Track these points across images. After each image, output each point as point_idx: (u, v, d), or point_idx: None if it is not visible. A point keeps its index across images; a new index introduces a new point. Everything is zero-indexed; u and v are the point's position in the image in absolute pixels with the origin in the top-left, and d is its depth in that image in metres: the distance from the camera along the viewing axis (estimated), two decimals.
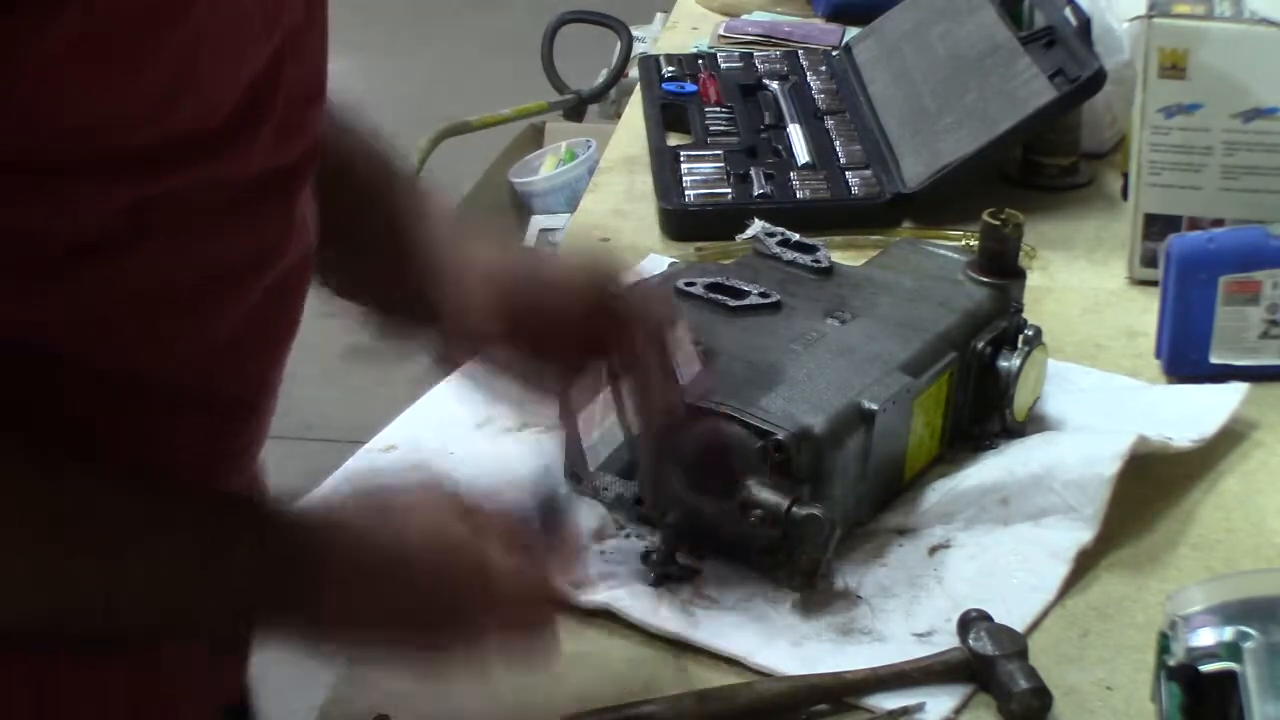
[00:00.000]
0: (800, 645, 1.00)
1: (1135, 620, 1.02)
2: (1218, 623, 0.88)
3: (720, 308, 1.15)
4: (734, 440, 1.03)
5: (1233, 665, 0.86)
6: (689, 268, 1.25)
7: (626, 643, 1.01)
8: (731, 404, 1.04)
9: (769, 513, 1.01)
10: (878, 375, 1.09)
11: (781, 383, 1.07)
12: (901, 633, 1.01)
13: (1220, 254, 1.27)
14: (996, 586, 1.05)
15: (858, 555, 1.07)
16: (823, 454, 1.04)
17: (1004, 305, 1.20)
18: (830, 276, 1.22)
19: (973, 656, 0.97)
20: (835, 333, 1.14)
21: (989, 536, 1.09)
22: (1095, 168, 1.65)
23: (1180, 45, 1.35)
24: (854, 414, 1.06)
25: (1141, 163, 1.40)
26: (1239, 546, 1.10)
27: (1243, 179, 1.37)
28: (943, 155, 1.56)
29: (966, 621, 0.99)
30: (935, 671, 0.97)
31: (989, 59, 1.63)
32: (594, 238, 1.53)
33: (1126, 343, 1.35)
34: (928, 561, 1.07)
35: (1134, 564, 1.08)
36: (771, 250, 1.24)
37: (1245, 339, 1.28)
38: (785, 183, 1.59)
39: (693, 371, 1.02)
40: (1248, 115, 1.36)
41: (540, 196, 3.32)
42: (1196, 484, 1.16)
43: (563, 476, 1.10)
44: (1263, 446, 1.21)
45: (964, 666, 0.97)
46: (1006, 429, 1.18)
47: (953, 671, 0.97)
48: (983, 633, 0.97)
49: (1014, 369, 1.17)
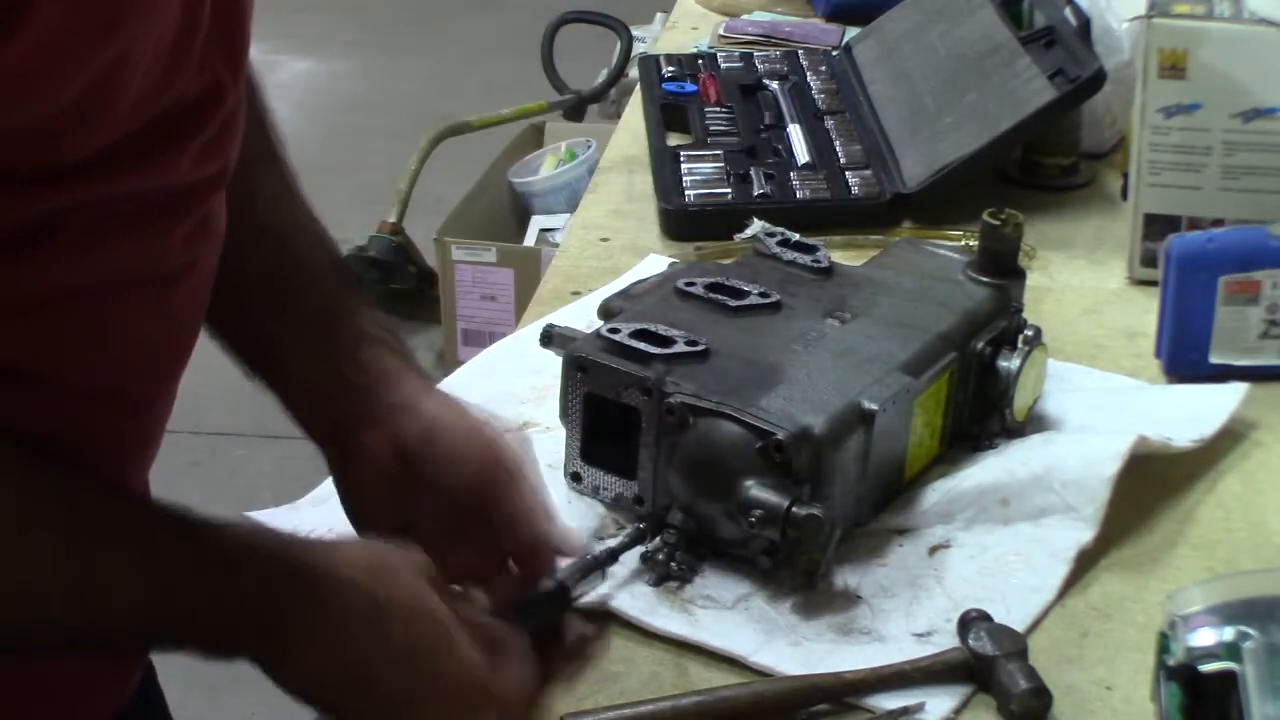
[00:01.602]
0: (800, 645, 1.00)
1: (1135, 620, 1.02)
2: (1218, 623, 0.88)
3: (720, 308, 1.15)
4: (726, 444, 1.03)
5: (1232, 665, 0.86)
6: (689, 268, 1.25)
7: (626, 643, 1.01)
8: (731, 404, 1.04)
9: (769, 513, 1.01)
10: (878, 375, 1.09)
11: (781, 383, 1.07)
12: (901, 633, 1.01)
13: (1220, 254, 1.27)
14: (996, 586, 1.05)
15: (858, 555, 1.07)
16: (823, 454, 1.03)
17: (1004, 305, 1.20)
18: (830, 276, 1.22)
19: (973, 657, 0.97)
20: (835, 333, 1.14)
21: (989, 536, 1.09)
22: (1095, 168, 1.65)
23: (1180, 45, 1.35)
24: (854, 414, 1.06)
25: (1141, 163, 1.40)
26: (1239, 546, 1.10)
27: (1243, 179, 1.37)
28: (943, 155, 1.56)
29: (967, 621, 0.99)
30: (936, 672, 0.97)
31: (989, 59, 1.63)
32: (596, 238, 1.53)
33: (1126, 343, 1.35)
34: (928, 561, 1.07)
35: (1134, 564, 1.08)
36: (771, 250, 1.24)
37: (1245, 339, 1.28)
38: (785, 183, 1.59)
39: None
40: (1247, 115, 1.36)
41: (540, 196, 3.32)
42: (1196, 484, 1.16)
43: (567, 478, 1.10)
44: (1263, 446, 1.21)
45: (964, 667, 0.97)
46: (1006, 429, 1.18)
47: (953, 672, 0.97)
48: (983, 633, 0.97)
49: (1014, 369, 1.17)
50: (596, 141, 3.26)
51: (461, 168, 3.39)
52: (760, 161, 1.63)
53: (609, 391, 1.08)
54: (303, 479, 1.16)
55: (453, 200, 3.25)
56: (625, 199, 1.62)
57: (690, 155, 1.64)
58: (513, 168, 3.37)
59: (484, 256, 3.06)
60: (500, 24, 5.16)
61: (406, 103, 4.54)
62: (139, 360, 0.86)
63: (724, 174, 1.60)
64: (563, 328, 1.15)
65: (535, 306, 1.41)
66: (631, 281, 1.26)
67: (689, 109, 1.75)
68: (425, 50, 5.14)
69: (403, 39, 5.24)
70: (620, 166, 1.69)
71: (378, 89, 4.68)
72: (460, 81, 4.79)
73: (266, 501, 1.16)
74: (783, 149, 1.66)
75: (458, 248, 3.07)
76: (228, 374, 1.03)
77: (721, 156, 1.64)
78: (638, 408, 1.06)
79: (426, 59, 5.07)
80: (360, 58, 5.04)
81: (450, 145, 3.30)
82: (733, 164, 1.62)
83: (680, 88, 1.81)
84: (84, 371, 0.82)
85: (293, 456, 3.16)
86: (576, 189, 2.95)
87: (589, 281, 1.43)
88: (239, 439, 3.17)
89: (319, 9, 5.39)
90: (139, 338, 0.85)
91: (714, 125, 1.71)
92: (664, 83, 1.82)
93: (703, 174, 1.60)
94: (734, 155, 1.64)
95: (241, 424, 3.18)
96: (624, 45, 3.52)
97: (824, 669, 0.97)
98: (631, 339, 1.09)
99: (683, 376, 1.06)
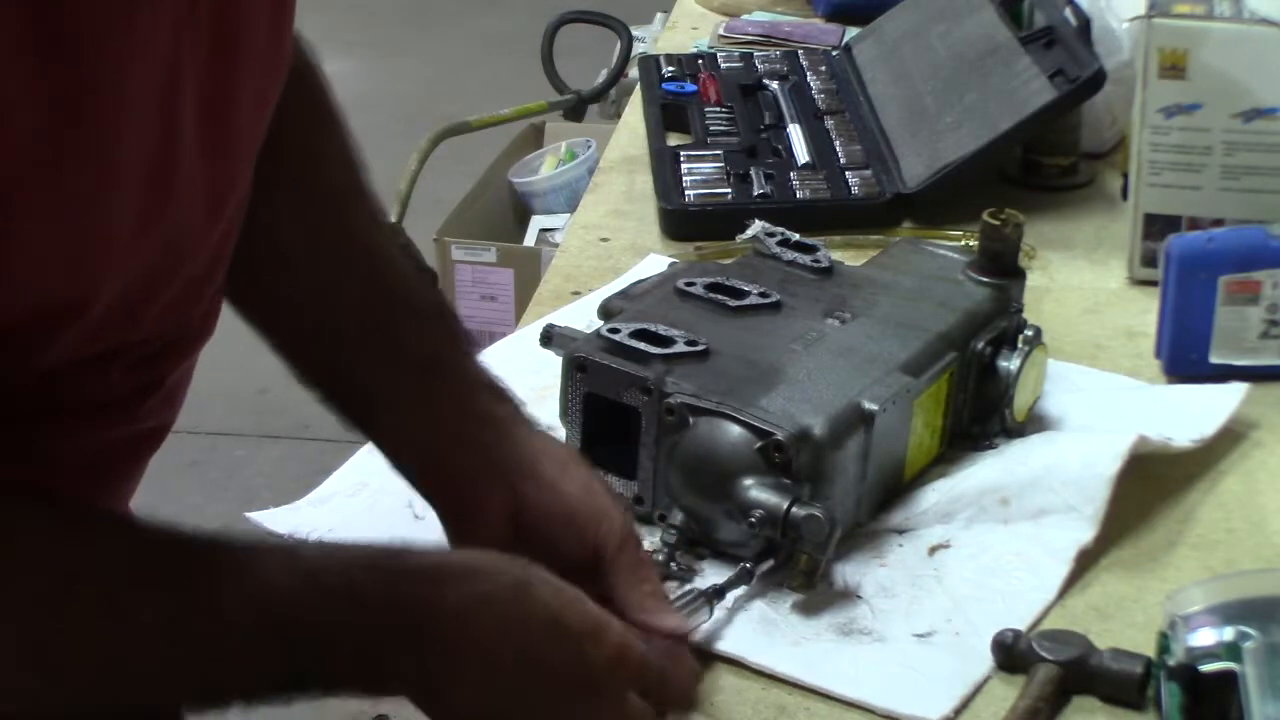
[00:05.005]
0: (800, 645, 1.00)
1: (1135, 620, 1.02)
2: (1218, 623, 0.88)
3: (720, 308, 1.15)
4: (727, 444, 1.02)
5: (1232, 665, 0.86)
6: (689, 268, 1.25)
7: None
8: (731, 404, 1.04)
9: (769, 513, 1.01)
10: (878, 375, 1.09)
11: (781, 383, 1.07)
12: (901, 633, 1.01)
13: (1220, 254, 1.27)
14: (996, 586, 1.05)
15: (858, 555, 1.07)
16: (823, 454, 1.03)
17: (1004, 305, 1.20)
18: (830, 276, 1.22)
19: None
20: (835, 333, 1.14)
21: (989, 536, 1.09)
22: (1095, 168, 1.65)
23: (1180, 45, 1.35)
24: (854, 414, 1.06)
25: (1141, 163, 1.40)
26: (1239, 546, 1.10)
27: (1243, 179, 1.37)
28: (943, 155, 1.56)
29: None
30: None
31: (989, 59, 1.63)
32: (596, 238, 1.53)
33: (1126, 343, 1.35)
34: (928, 561, 1.07)
35: (1134, 564, 1.08)
36: (771, 250, 1.24)
37: (1245, 339, 1.27)
38: (785, 183, 1.59)
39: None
40: (1248, 115, 1.36)
41: (540, 196, 3.32)
42: (1196, 484, 1.16)
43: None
44: (1263, 446, 1.21)
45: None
46: (1006, 429, 1.18)
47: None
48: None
49: (1014, 369, 1.17)
50: (596, 141, 3.25)
51: (461, 168, 3.39)
52: (760, 161, 1.63)
53: (609, 391, 1.08)
54: (303, 479, 1.16)
55: (453, 200, 3.25)
56: (625, 199, 1.62)
57: (690, 155, 1.64)
58: (513, 168, 3.37)
59: (484, 256, 3.06)
60: (500, 24, 5.15)
61: (406, 103, 4.53)
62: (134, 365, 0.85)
63: (724, 174, 1.60)
64: (563, 328, 1.15)
65: (535, 306, 1.41)
66: (631, 281, 1.26)
67: (689, 109, 1.75)
68: (425, 50, 5.14)
69: (403, 39, 5.23)
70: (620, 166, 1.69)
71: (378, 89, 4.68)
72: (460, 81, 4.78)
73: (266, 501, 1.16)
74: (783, 149, 1.66)
75: (457, 248, 3.06)
76: (228, 374, 1.03)
77: (721, 156, 1.63)
78: (637, 408, 1.06)
79: (426, 59, 5.07)
80: (360, 58, 5.04)
81: (450, 145, 3.29)
82: (733, 164, 1.62)
83: (680, 88, 1.81)
84: (73, 380, 0.81)
85: (293, 456, 3.18)
86: (576, 189, 2.94)
87: (589, 281, 1.43)
88: (239, 439, 3.17)
89: (318, 9, 5.37)
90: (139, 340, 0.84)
91: (714, 125, 1.71)
92: (664, 83, 1.82)
93: (703, 174, 1.60)
94: (734, 155, 1.64)
95: (241, 424, 3.18)
96: (624, 45, 3.52)
97: (824, 669, 0.97)
98: (631, 339, 1.09)
99: (683, 376, 1.06)
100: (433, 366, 0.96)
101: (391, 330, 0.96)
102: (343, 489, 1.16)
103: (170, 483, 0.86)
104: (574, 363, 1.09)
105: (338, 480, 1.17)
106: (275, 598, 0.77)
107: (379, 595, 0.79)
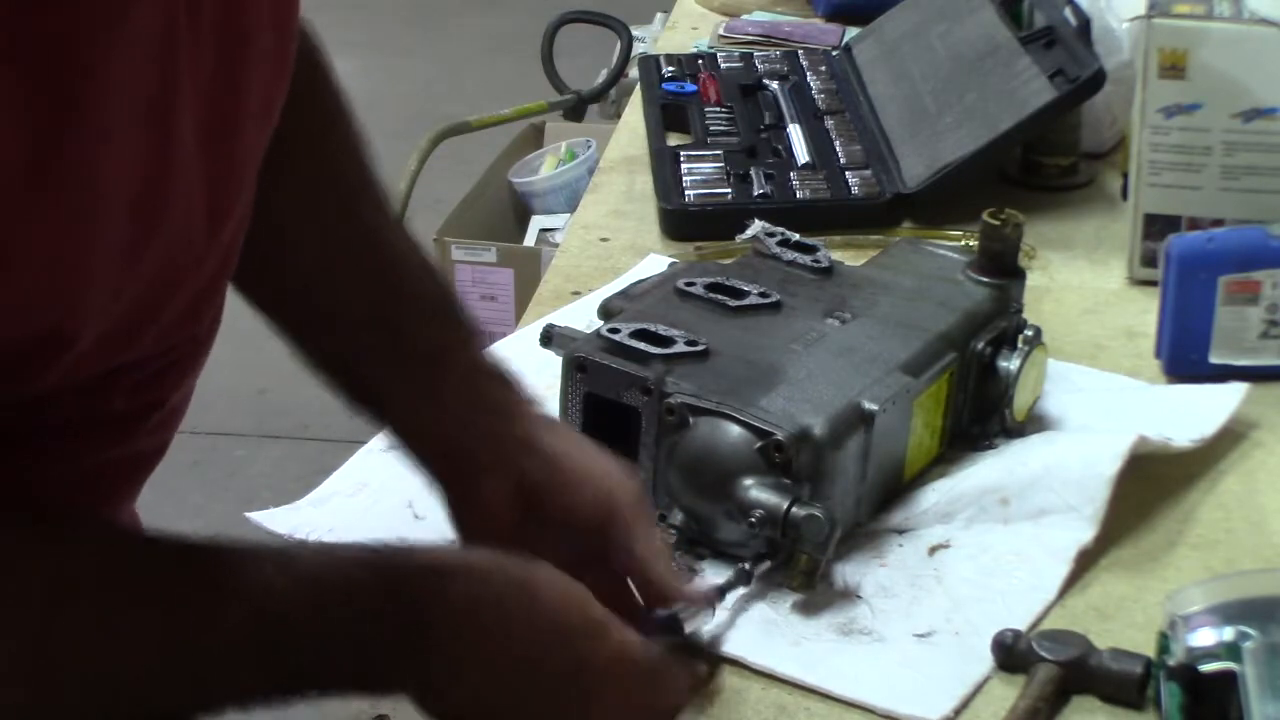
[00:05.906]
0: (800, 645, 1.00)
1: (1135, 620, 1.02)
2: (1218, 623, 0.88)
3: (720, 308, 1.15)
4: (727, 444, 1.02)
5: (1232, 665, 0.86)
6: (689, 268, 1.25)
7: None
8: (731, 404, 1.04)
9: (769, 513, 1.01)
10: (878, 375, 1.09)
11: (781, 383, 1.07)
12: (901, 633, 1.01)
13: (1220, 254, 1.27)
14: (996, 586, 1.05)
15: (858, 555, 1.07)
16: (823, 454, 1.03)
17: (1004, 305, 1.20)
18: (830, 276, 1.22)
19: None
20: (835, 333, 1.14)
21: (989, 536, 1.09)
22: (1095, 168, 1.65)
23: (1180, 45, 1.35)
24: (854, 414, 1.06)
25: (1141, 163, 1.40)
26: (1239, 546, 1.10)
27: (1243, 179, 1.37)
28: (943, 155, 1.56)
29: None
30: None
31: (989, 59, 1.63)
32: (596, 238, 1.53)
33: (1126, 343, 1.35)
34: (928, 561, 1.07)
35: (1134, 564, 1.08)
36: (771, 250, 1.24)
37: (1245, 339, 1.27)
38: (785, 183, 1.59)
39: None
40: (1248, 115, 1.36)
41: (540, 196, 3.32)
42: (1196, 484, 1.16)
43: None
44: (1263, 446, 1.21)
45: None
46: (1006, 429, 1.18)
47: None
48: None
49: (1014, 369, 1.17)
50: (596, 141, 3.25)
51: (461, 168, 3.39)
52: (760, 161, 1.63)
53: (609, 391, 1.08)
54: (303, 479, 1.16)
55: (453, 200, 3.25)
56: (625, 199, 1.62)
57: (690, 155, 1.64)
58: (513, 168, 3.37)
59: (484, 256, 3.06)
60: (500, 24, 5.15)
61: (406, 103, 4.53)
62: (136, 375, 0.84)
63: (724, 174, 1.60)
64: (563, 328, 1.15)
65: (535, 306, 1.41)
66: (631, 281, 1.26)
67: (689, 109, 1.75)
68: (425, 50, 5.14)
69: (403, 39, 5.23)
70: (620, 166, 1.69)
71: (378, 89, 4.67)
72: (460, 81, 4.79)
73: (266, 501, 1.16)
74: (783, 149, 1.66)
75: (457, 248, 3.06)
76: (228, 374, 1.03)
77: (721, 156, 1.64)
78: (637, 408, 1.06)
79: (426, 59, 5.07)
80: (360, 58, 5.03)
81: (450, 145, 3.29)
82: (733, 164, 1.62)
83: (680, 88, 1.81)
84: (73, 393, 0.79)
85: (293, 456, 3.18)
86: (576, 189, 2.94)
87: (589, 281, 1.43)
88: (239, 439, 3.17)
89: (319, 9, 5.37)
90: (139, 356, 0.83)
91: (714, 125, 1.71)
92: (664, 83, 1.82)
93: (703, 174, 1.60)
94: (734, 155, 1.64)
95: (241, 424, 3.18)
96: (624, 45, 3.52)
97: (824, 669, 0.97)
98: (631, 339, 1.09)
99: (683, 376, 1.06)
100: (438, 357, 0.97)
101: (397, 318, 0.96)
102: (343, 489, 1.16)
103: (170, 483, 0.86)
104: (574, 363, 1.09)
105: (338, 480, 1.17)
106: (273, 599, 0.76)
107: (379, 595, 0.79)
